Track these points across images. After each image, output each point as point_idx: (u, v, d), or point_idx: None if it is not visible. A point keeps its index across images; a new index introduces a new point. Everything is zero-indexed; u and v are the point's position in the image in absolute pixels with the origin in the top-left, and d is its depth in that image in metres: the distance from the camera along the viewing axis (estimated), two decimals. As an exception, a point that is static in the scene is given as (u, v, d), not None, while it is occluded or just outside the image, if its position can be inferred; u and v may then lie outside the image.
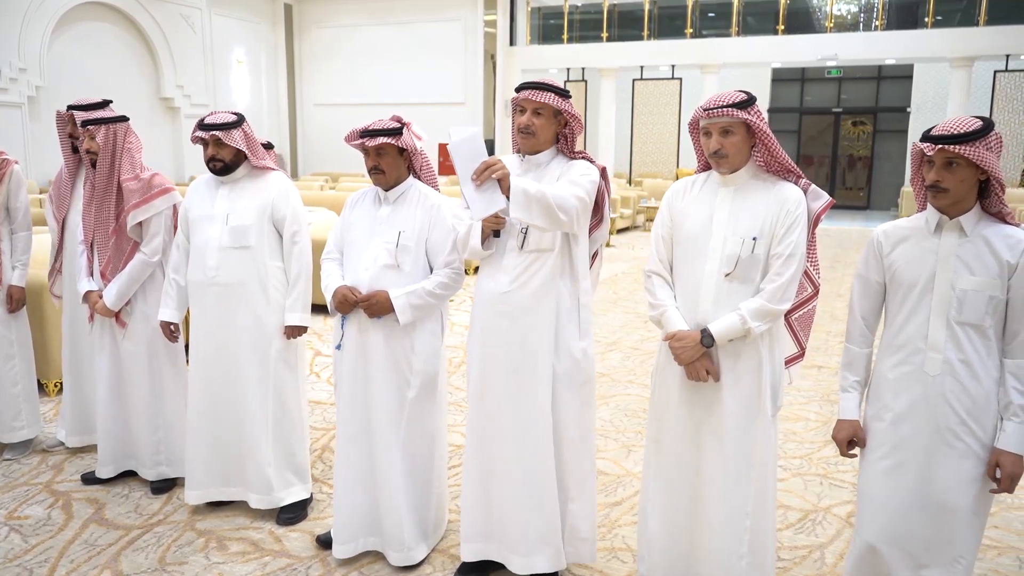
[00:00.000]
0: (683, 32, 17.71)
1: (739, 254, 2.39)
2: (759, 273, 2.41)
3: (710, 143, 2.41)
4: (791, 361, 2.60)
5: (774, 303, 2.35)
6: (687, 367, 2.44)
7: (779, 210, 2.39)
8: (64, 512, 3.32)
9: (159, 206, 3.43)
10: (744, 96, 2.38)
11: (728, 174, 2.45)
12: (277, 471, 3.21)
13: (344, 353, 2.91)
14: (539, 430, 2.65)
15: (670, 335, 2.46)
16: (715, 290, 2.42)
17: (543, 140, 2.66)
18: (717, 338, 2.38)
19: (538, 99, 2.59)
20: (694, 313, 2.45)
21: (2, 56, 12.77)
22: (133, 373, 3.48)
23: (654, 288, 2.57)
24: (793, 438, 4.29)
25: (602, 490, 3.62)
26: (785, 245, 2.37)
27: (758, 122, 2.36)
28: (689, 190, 2.57)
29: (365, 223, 2.92)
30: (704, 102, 2.43)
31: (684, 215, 2.53)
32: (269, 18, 18.85)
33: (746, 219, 2.41)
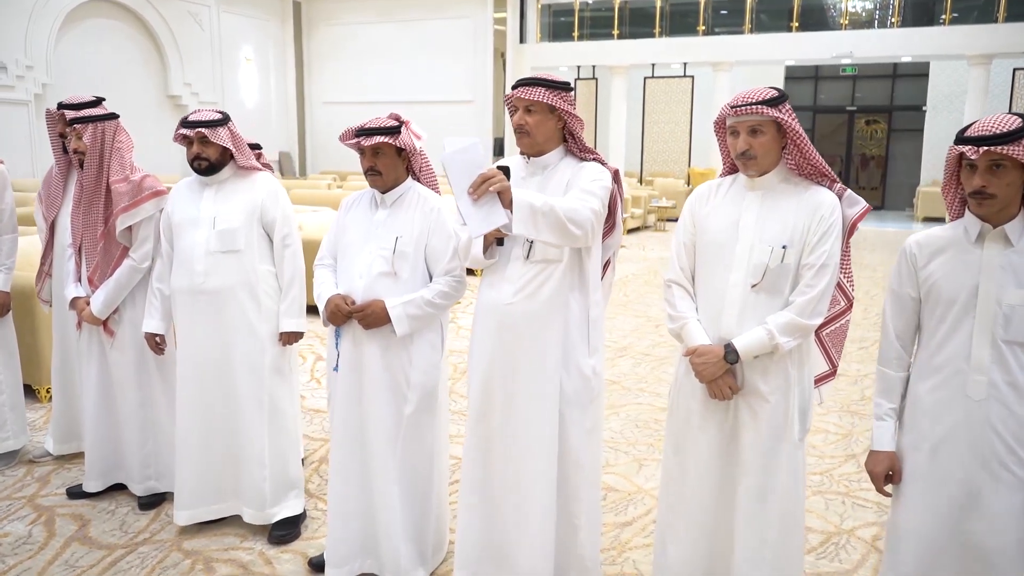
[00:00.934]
0: (695, 29, 17.48)
1: (767, 263, 2.21)
2: (788, 284, 2.23)
3: (737, 143, 2.23)
4: (821, 380, 2.41)
5: (805, 317, 2.17)
6: (709, 385, 2.26)
7: (811, 217, 2.20)
8: (46, 529, 3.17)
9: (149, 210, 3.26)
10: (775, 92, 2.20)
11: (756, 177, 2.27)
12: (272, 485, 3.05)
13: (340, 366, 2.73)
14: (543, 454, 2.47)
15: (691, 350, 2.28)
16: (740, 302, 2.24)
17: (541, 139, 2.46)
18: (742, 354, 2.20)
19: (528, 96, 2.40)
20: (717, 326, 2.27)
21: (8, 53, 12.69)
22: (121, 383, 3.33)
23: (674, 299, 2.38)
24: (812, 452, 4.09)
25: (611, 508, 3.44)
26: (818, 255, 2.18)
27: (790, 121, 2.18)
28: (714, 194, 2.38)
29: (360, 227, 2.74)
30: (732, 98, 2.24)
31: (708, 221, 2.34)
32: (278, 15, 18.73)
33: (775, 226, 2.23)
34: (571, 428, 2.48)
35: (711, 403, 2.31)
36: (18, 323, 4.14)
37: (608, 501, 3.50)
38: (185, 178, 3.15)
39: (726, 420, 2.31)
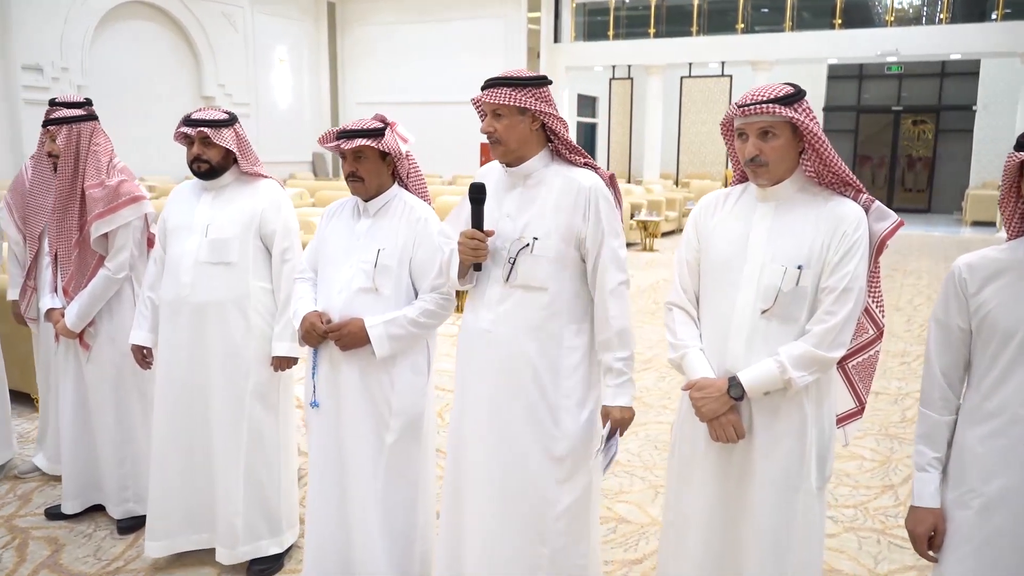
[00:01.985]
0: (734, 27, 17.05)
1: (779, 286, 1.91)
2: (805, 311, 1.93)
3: (746, 148, 1.93)
4: (847, 418, 2.11)
5: (823, 349, 1.88)
6: (710, 424, 1.97)
7: (833, 233, 1.91)
8: (17, 554, 2.99)
9: (126, 216, 3.05)
10: (790, 89, 1.90)
11: (768, 187, 1.97)
12: (246, 522, 2.80)
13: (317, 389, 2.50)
14: (522, 506, 2.22)
15: (691, 383, 2.00)
16: (748, 329, 1.95)
17: (515, 146, 2.17)
18: (748, 389, 1.91)
19: (492, 99, 2.12)
20: (722, 357, 1.99)
21: (44, 55, 12.78)
22: (98, 401, 3.13)
23: (675, 324, 2.10)
24: (846, 481, 3.76)
25: (622, 543, 3.17)
26: (839, 277, 1.89)
27: (807, 122, 1.88)
28: (720, 206, 2.09)
29: (341, 238, 2.51)
30: (740, 97, 1.95)
31: (713, 236, 2.05)
32: (312, 16, 18.71)
33: (790, 243, 1.93)
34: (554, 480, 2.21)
35: (714, 446, 2.01)
36: (12, 328, 4.00)
37: (617, 534, 3.23)
38: (187, 181, 2.92)
39: (731, 466, 2.01)
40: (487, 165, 2.37)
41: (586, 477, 2.27)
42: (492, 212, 2.23)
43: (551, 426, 2.21)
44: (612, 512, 3.41)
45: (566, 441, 2.22)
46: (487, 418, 2.24)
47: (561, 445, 2.21)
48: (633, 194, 14.09)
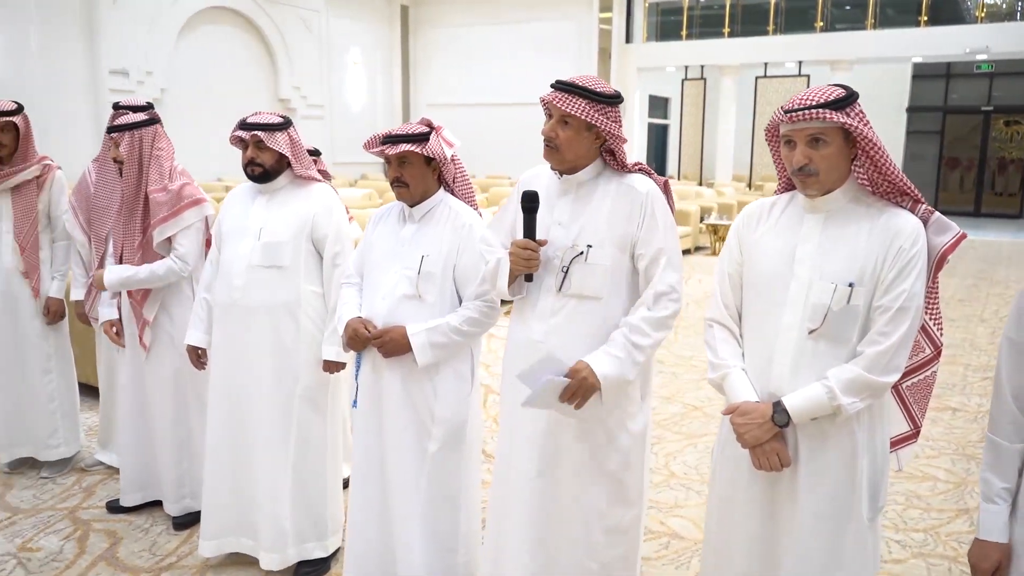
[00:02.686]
0: (812, 26, 16.55)
1: (828, 305, 1.79)
2: (856, 331, 1.80)
3: (793, 156, 1.81)
4: (900, 442, 1.98)
5: (875, 373, 1.75)
6: (753, 451, 1.85)
7: (888, 247, 1.78)
8: (78, 546, 3.08)
9: (189, 219, 3.12)
10: (841, 92, 1.77)
11: (818, 197, 1.85)
12: (293, 525, 2.81)
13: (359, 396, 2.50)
14: (572, 520, 2.16)
15: (732, 407, 1.89)
16: (795, 351, 1.83)
17: (571, 157, 2.11)
18: (794, 415, 1.79)
19: (565, 106, 2.05)
20: (766, 379, 1.87)
21: (130, 60, 13.28)
22: (157, 400, 3.20)
23: (715, 342, 1.99)
24: (916, 504, 3.57)
25: (673, 559, 3.07)
26: (895, 295, 1.76)
27: (861, 127, 1.75)
28: (765, 216, 1.97)
29: (386, 244, 2.49)
30: (786, 101, 1.83)
31: (757, 249, 1.94)
32: (385, 19, 18.97)
33: (840, 258, 1.81)
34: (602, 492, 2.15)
35: (758, 474, 1.90)
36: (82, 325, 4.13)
37: (670, 551, 3.13)
38: (242, 184, 2.95)
39: (776, 496, 1.90)
40: (535, 169, 2.30)
41: (638, 493, 2.22)
42: (543, 219, 2.17)
43: (604, 441, 2.16)
44: (665, 527, 3.31)
45: (619, 456, 2.17)
46: (538, 432, 2.19)
47: (613, 460, 2.17)
48: (703, 197, 13.82)
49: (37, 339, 3.63)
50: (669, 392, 5.18)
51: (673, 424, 4.57)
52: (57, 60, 12.24)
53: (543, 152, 2.14)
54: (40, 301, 3.60)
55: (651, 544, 3.16)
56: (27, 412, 3.66)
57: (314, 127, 16.16)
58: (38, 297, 3.59)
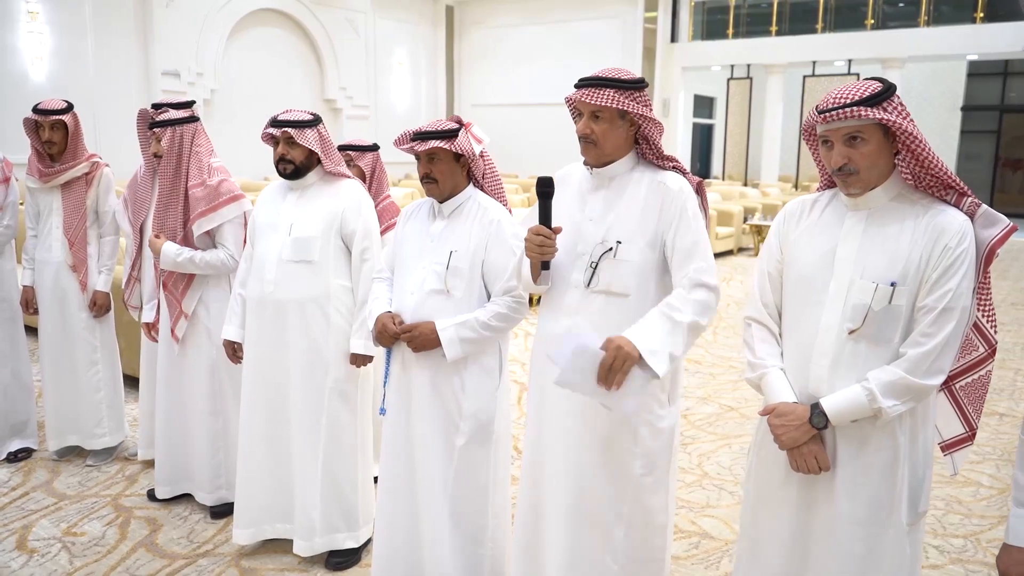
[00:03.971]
0: (863, 23, 16.20)
1: (869, 304, 1.75)
2: (898, 332, 1.76)
3: (832, 156, 1.77)
4: (955, 444, 1.91)
5: (918, 376, 1.71)
6: (791, 453, 1.83)
7: (933, 245, 1.73)
8: (120, 531, 3.18)
9: (227, 214, 3.19)
10: (878, 86, 1.73)
11: (859, 195, 1.82)
12: (323, 515, 2.86)
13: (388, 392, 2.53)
14: (596, 520, 2.16)
15: (769, 408, 1.86)
16: (834, 351, 1.80)
17: (609, 149, 2.10)
18: (832, 418, 1.76)
19: (594, 100, 2.04)
20: (804, 380, 1.84)
21: (182, 61, 13.61)
22: (193, 392, 3.28)
23: (753, 341, 1.96)
24: (957, 509, 3.48)
25: (703, 559, 3.05)
26: (939, 295, 1.71)
27: (900, 121, 1.70)
28: (806, 214, 1.94)
29: (416, 239, 2.52)
30: (820, 100, 1.80)
31: (798, 248, 1.91)
32: (430, 20, 19.11)
33: (882, 257, 1.77)
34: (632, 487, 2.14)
35: (795, 476, 1.87)
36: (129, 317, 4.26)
37: (700, 550, 3.11)
38: (275, 181, 3.02)
39: (813, 499, 1.86)
40: (569, 166, 2.31)
41: (662, 496, 2.19)
42: (574, 214, 2.17)
43: (629, 442, 2.14)
44: (696, 526, 3.29)
45: (644, 457, 2.15)
46: (564, 430, 2.19)
47: (639, 461, 2.15)
48: (747, 197, 13.65)
49: (84, 331, 3.75)
50: (705, 392, 5.13)
51: (708, 424, 4.53)
52: (111, 62, 12.61)
53: (580, 150, 2.13)
54: (87, 294, 3.72)
55: (681, 543, 3.14)
56: (74, 402, 3.79)
57: (359, 127, 16.35)
58: (85, 291, 3.71)
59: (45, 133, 3.57)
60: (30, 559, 2.96)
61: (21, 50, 11.62)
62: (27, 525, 3.22)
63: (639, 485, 2.15)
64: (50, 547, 3.05)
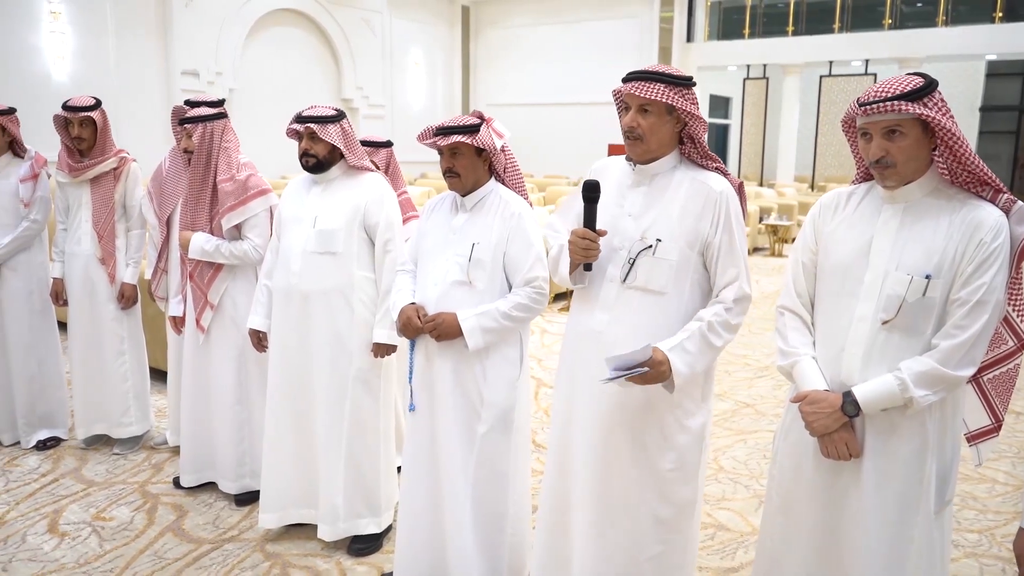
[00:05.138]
0: (880, 23, 16.16)
1: (903, 296, 1.79)
2: (931, 323, 1.80)
3: (870, 148, 1.81)
4: (981, 436, 1.94)
5: (950, 367, 1.75)
6: (821, 440, 1.87)
7: (968, 240, 1.76)
8: (147, 517, 3.26)
9: (255, 208, 3.26)
10: (919, 81, 1.76)
11: (896, 188, 1.85)
12: (346, 501, 2.94)
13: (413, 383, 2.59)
14: (623, 512, 2.19)
15: (801, 395, 1.90)
16: (867, 340, 1.84)
17: (655, 145, 2.11)
18: (864, 406, 1.80)
19: (643, 93, 2.03)
20: (836, 369, 1.88)
21: (201, 61, 13.76)
22: (220, 382, 3.36)
23: (786, 330, 2.01)
24: (972, 505, 3.51)
25: (719, 549, 3.09)
26: (973, 288, 1.75)
27: (939, 118, 1.73)
28: (842, 206, 1.98)
29: (439, 232, 2.58)
30: (862, 93, 1.83)
31: (833, 239, 1.94)
32: (446, 20, 19.21)
33: (918, 250, 1.80)
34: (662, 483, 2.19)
35: (824, 462, 1.91)
36: (155, 311, 4.35)
37: (715, 541, 3.15)
38: (300, 175, 3.09)
39: (840, 486, 1.90)
40: (606, 159, 2.32)
41: (691, 490, 2.23)
42: (613, 209, 2.17)
43: (659, 437, 2.17)
44: (712, 518, 3.33)
45: (673, 453, 2.18)
46: (594, 421, 2.22)
47: (668, 456, 2.17)
48: (763, 197, 13.63)
49: (112, 322, 3.84)
50: (721, 389, 5.17)
51: (724, 420, 4.57)
52: (132, 62, 12.77)
53: (625, 145, 2.14)
54: (115, 286, 3.81)
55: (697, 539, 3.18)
56: (102, 391, 3.88)
57: (376, 126, 16.45)
58: (113, 283, 3.80)
59: (75, 129, 3.66)
60: (61, 542, 3.05)
61: (43, 50, 11.80)
62: (58, 510, 3.31)
63: (668, 480, 2.18)
64: (80, 531, 3.14)
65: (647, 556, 2.22)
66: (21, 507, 3.33)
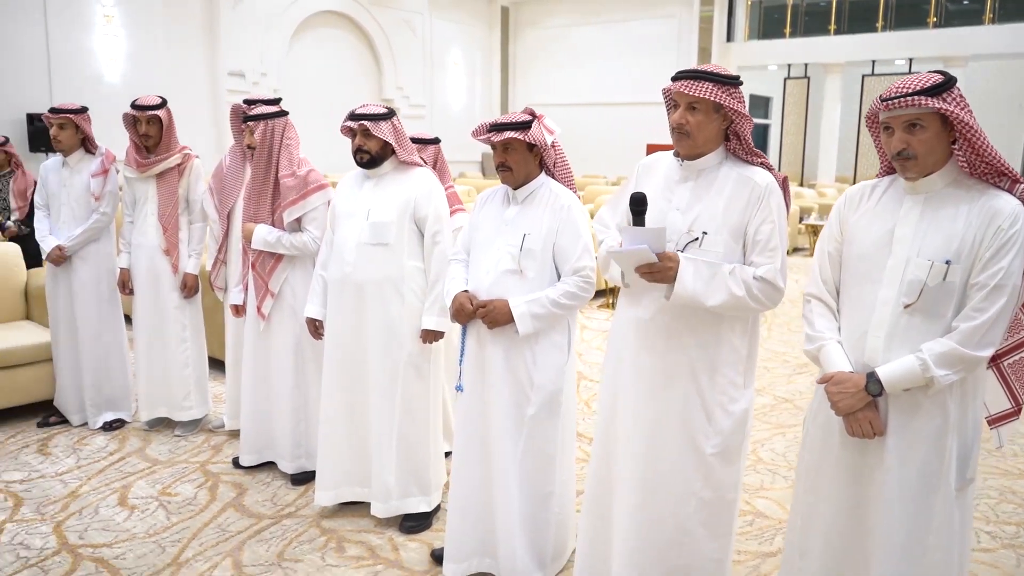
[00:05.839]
0: (924, 21, 15.96)
1: (924, 280, 1.88)
2: (951, 307, 1.89)
3: (892, 141, 1.91)
4: (1001, 419, 2.03)
5: (969, 347, 1.83)
6: (846, 419, 1.97)
7: (987, 228, 1.85)
8: (209, 493, 3.44)
9: (314, 202, 3.43)
10: (939, 78, 1.86)
11: (917, 179, 1.94)
12: (398, 480, 3.09)
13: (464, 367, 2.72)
14: (666, 495, 2.30)
15: (827, 377, 2.00)
16: (890, 324, 1.93)
17: (701, 142, 2.21)
18: (887, 385, 1.89)
19: (692, 91, 2.14)
20: (861, 351, 1.97)
21: (247, 62, 14.10)
22: (279, 367, 3.53)
23: (813, 316, 2.10)
24: (1011, 499, 3.54)
25: (757, 535, 3.18)
26: (991, 273, 1.84)
27: (957, 111, 1.82)
28: (867, 198, 2.07)
29: (491, 223, 2.71)
30: (885, 89, 1.93)
31: (857, 229, 2.04)
32: (486, 20, 19.38)
33: (938, 237, 1.89)
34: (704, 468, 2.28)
35: (849, 441, 2.00)
36: (213, 302, 4.55)
37: (754, 527, 3.24)
38: (352, 171, 3.24)
39: (865, 462, 1.99)
40: (653, 155, 2.42)
41: (732, 473, 2.32)
42: (660, 203, 2.26)
43: (704, 422, 2.26)
44: (751, 506, 3.42)
45: (717, 438, 2.27)
46: (640, 407, 2.31)
47: (712, 441, 2.27)
48: (804, 197, 13.57)
49: (175, 311, 4.04)
50: (761, 385, 5.23)
51: (763, 415, 4.64)
52: (180, 63, 13.14)
53: (673, 141, 2.24)
54: (178, 277, 4.01)
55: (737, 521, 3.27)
56: (164, 376, 4.08)
57: (416, 126, 16.65)
58: (177, 273, 4.00)
59: (142, 127, 3.86)
60: (131, 514, 3.24)
61: (97, 52, 12.22)
62: (126, 485, 3.51)
63: (711, 463, 2.27)
64: (148, 504, 3.33)
65: (688, 537, 2.32)
66: (92, 482, 3.54)
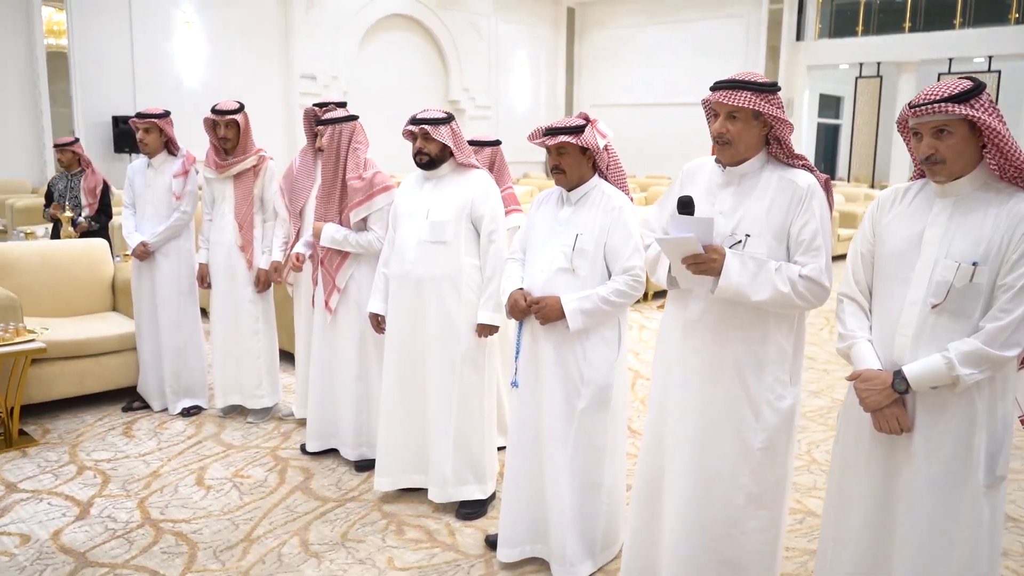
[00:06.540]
0: (1006, 17, 15.39)
1: (951, 281, 1.93)
2: (979, 307, 1.93)
3: (921, 147, 1.97)
4: None
5: (995, 347, 1.87)
6: (874, 415, 2.02)
7: (1014, 229, 1.89)
8: (279, 477, 3.65)
9: (379, 203, 3.61)
10: (967, 84, 1.90)
11: (946, 183, 1.99)
12: (454, 469, 3.23)
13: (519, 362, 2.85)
14: (716, 490, 2.37)
15: (856, 374, 2.06)
16: (917, 323, 1.98)
17: (743, 148, 2.28)
18: (913, 383, 1.94)
19: (731, 101, 2.21)
20: (889, 349, 2.03)
21: (318, 65, 14.52)
22: (344, 359, 3.72)
23: (844, 315, 2.16)
24: (1070, 505, 3.49)
25: (806, 533, 3.22)
26: (1019, 274, 1.87)
27: (985, 118, 1.87)
28: (898, 201, 2.12)
29: (546, 224, 2.83)
30: (914, 96, 1.98)
31: (888, 231, 2.09)
32: (551, 22, 19.47)
33: (966, 239, 1.94)
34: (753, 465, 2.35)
35: (879, 437, 2.05)
36: (283, 297, 4.78)
37: (804, 525, 3.28)
38: (413, 172, 3.40)
39: (894, 457, 2.04)
40: (696, 161, 2.49)
41: (780, 470, 2.38)
42: (704, 207, 2.34)
43: (751, 419, 2.33)
44: (802, 505, 3.45)
45: (765, 434, 2.33)
46: (688, 404, 2.39)
47: (760, 438, 2.33)
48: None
49: (249, 304, 4.28)
50: (818, 387, 5.22)
51: (819, 416, 4.64)
52: (256, 67, 13.63)
53: (713, 150, 2.32)
54: (253, 272, 4.24)
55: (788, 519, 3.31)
56: (238, 366, 4.33)
57: (481, 127, 16.87)
58: (251, 268, 4.23)
59: (220, 130, 4.11)
60: (208, 493, 3.47)
61: (176, 57, 12.77)
62: (203, 467, 3.75)
63: (759, 459, 2.34)
64: (223, 485, 3.55)
65: (738, 531, 2.39)
66: (172, 463, 3.79)
